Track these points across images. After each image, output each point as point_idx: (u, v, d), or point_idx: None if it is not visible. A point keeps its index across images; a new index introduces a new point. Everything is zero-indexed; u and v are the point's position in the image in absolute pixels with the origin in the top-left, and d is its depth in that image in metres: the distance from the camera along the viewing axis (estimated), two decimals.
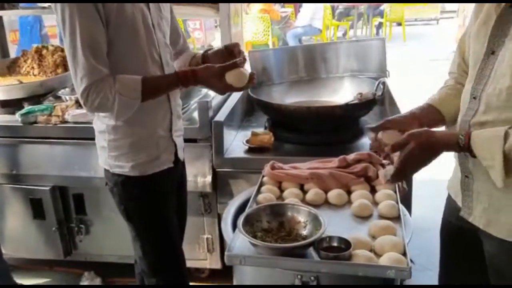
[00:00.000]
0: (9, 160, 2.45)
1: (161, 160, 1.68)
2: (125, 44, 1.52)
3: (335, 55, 2.86)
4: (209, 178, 2.25)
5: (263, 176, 1.79)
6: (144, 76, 1.53)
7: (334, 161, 1.81)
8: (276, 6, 8.82)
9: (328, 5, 10.12)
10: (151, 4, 1.59)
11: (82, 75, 1.43)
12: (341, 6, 11.42)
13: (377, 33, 11.25)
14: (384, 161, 1.81)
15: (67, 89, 2.60)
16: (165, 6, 1.69)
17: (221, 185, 2.29)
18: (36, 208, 2.46)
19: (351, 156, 1.80)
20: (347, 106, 2.28)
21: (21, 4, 3.25)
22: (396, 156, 1.78)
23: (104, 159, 1.68)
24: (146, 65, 1.58)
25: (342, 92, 2.66)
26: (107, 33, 1.47)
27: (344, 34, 11.25)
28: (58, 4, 1.42)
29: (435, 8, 12.57)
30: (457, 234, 1.42)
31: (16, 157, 2.45)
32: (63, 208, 2.49)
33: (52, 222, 2.47)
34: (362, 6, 11.08)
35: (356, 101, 2.30)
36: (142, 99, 1.51)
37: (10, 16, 4.30)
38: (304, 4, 9.03)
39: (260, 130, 2.38)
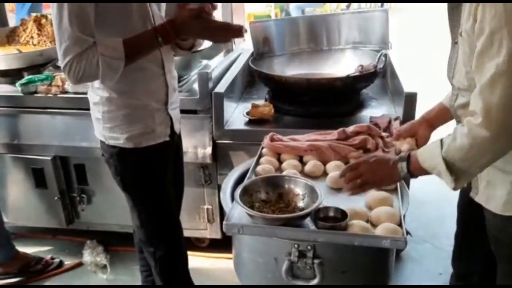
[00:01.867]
0: (11, 130, 2.46)
1: (156, 133, 1.67)
2: (119, 17, 1.50)
3: (337, 26, 2.82)
4: (209, 150, 2.26)
5: (262, 148, 1.80)
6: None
7: (334, 133, 1.81)
8: None
9: None
10: None
11: (67, 46, 1.41)
12: None
13: (382, 5, 11.05)
14: (383, 134, 1.82)
15: None
16: None
17: (221, 157, 2.30)
18: (38, 178, 2.49)
19: (350, 129, 1.81)
20: (347, 79, 2.26)
21: None
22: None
23: (99, 130, 1.68)
24: None
25: (344, 64, 2.63)
26: (100, 6, 1.44)
27: (348, 6, 11.05)
28: None
29: None
30: (469, 208, 1.47)
31: (17, 127, 2.46)
32: (65, 178, 2.52)
33: (54, 192, 2.50)
34: None
35: (357, 73, 2.29)
36: (127, 59, 1.46)
37: None
38: None
39: (261, 102, 2.38)
